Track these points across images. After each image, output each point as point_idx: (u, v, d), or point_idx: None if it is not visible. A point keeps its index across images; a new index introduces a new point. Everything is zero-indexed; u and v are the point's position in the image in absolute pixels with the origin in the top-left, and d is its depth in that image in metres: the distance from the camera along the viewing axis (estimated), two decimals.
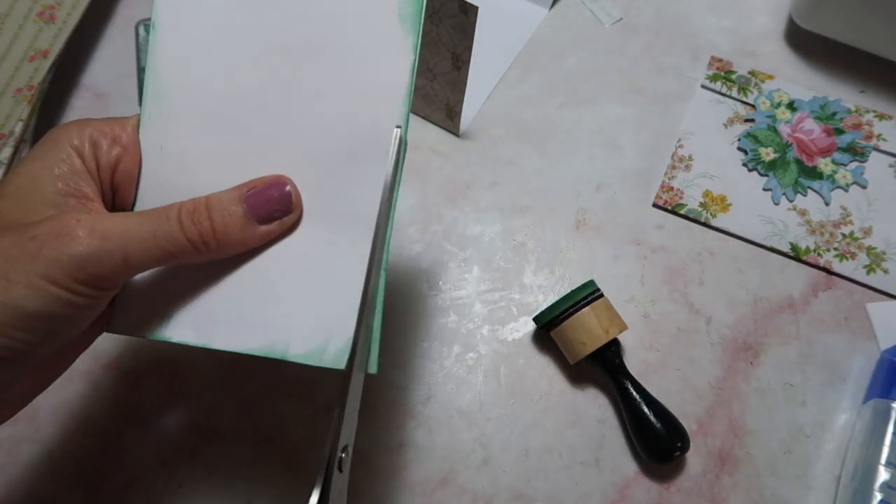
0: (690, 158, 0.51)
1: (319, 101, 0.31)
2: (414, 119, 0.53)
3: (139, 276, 0.31)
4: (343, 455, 0.27)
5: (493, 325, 0.46)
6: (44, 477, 0.41)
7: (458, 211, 0.50)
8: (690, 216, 0.49)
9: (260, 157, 0.31)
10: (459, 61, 0.46)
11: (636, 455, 0.42)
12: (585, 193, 0.50)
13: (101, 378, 0.44)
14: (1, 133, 0.47)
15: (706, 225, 0.49)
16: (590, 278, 0.46)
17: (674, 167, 0.51)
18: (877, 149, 0.50)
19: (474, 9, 0.42)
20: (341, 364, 0.30)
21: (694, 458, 0.42)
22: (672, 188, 0.50)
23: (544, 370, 0.44)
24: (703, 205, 0.49)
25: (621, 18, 0.58)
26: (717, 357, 0.45)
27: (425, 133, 0.53)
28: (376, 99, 0.31)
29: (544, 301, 0.46)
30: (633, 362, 0.44)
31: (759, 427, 0.43)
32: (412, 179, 0.51)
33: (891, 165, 0.50)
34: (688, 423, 0.42)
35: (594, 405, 0.43)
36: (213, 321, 0.31)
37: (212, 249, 0.29)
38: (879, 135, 0.51)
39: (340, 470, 0.27)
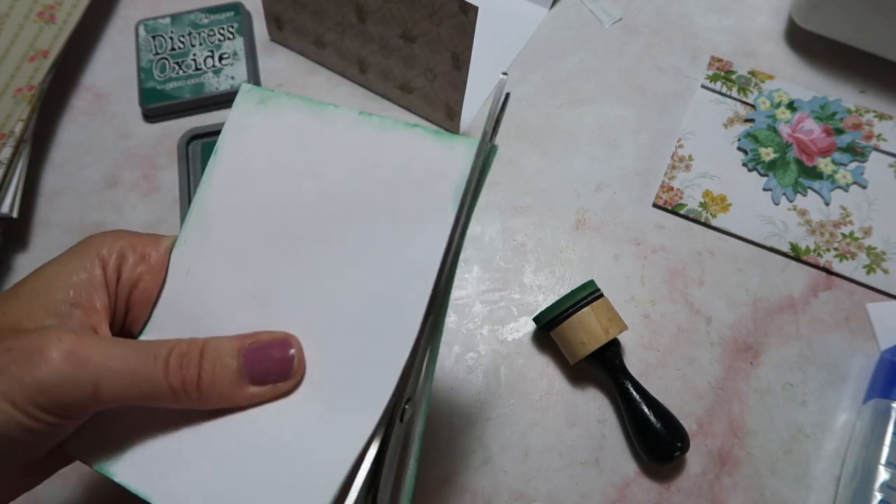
0: (690, 158, 0.51)
1: (353, 265, 0.29)
2: (414, 119, 0.53)
3: None
4: (406, 406, 0.26)
5: (493, 325, 0.46)
6: None
7: None
8: (690, 216, 0.49)
9: (279, 306, 0.29)
10: (459, 61, 0.46)
11: (636, 455, 0.42)
12: (585, 193, 0.50)
13: None
14: (1, 133, 0.48)
15: (706, 225, 0.49)
16: (590, 278, 0.46)
17: (674, 167, 0.51)
18: (877, 149, 0.50)
19: (474, 9, 0.42)
20: None
21: (694, 459, 0.42)
22: (672, 188, 0.50)
23: (544, 370, 0.44)
24: (703, 205, 0.49)
25: (621, 18, 0.58)
26: (717, 357, 0.45)
27: None
28: (408, 279, 0.28)
29: (544, 301, 0.46)
30: (633, 362, 0.44)
31: (759, 427, 0.43)
32: None
33: (891, 165, 0.50)
34: (688, 424, 0.42)
35: (594, 405, 0.43)
36: (163, 472, 0.27)
37: (192, 400, 0.27)
38: (879, 135, 0.51)
39: (402, 420, 0.26)
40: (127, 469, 0.28)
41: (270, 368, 0.28)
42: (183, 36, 0.55)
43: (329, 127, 0.31)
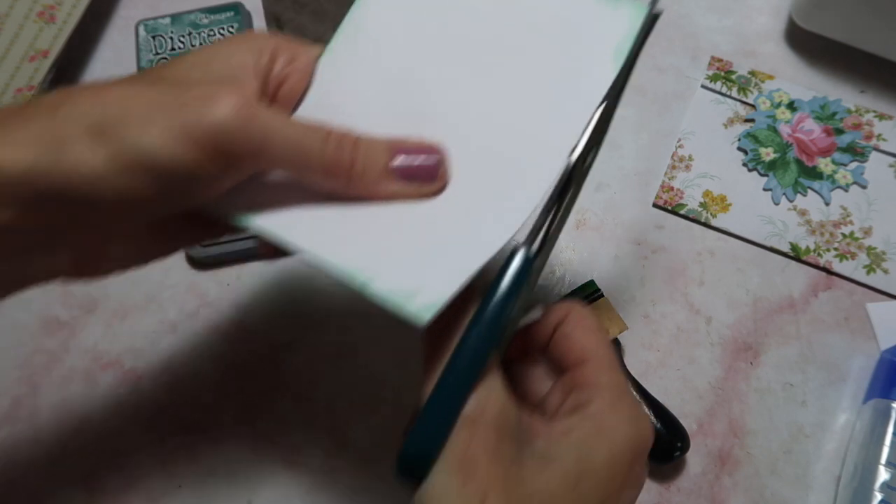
0: (690, 158, 0.51)
1: (505, 100, 0.30)
2: None
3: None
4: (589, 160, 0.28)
5: None
6: (44, 477, 0.41)
7: None
8: (690, 216, 0.49)
9: (426, 123, 0.30)
10: None
11: None
12: (585, 193, 0.50)
13: (101, 378, 0.44)
14: None
15: (706, 225, 0.49)
16: (589, 278, 0.46)
17: (674, 167, 0.51)
18: (877, 149, 0.50)
19: None
20: (424, 318, 0.25)
21: (694, 458, 0.42)
22: (672, 188, 0.50)
23: None
24: (703, 205, 0.49)
25: None
26: (717, 357, 0.45)
27: None
28: (560, 123, 0.29)
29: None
30: (633, 362, 0.44)
31: (759, 427, 0.43)
32: None
33: (891, 165, 0.50)
34: (688, 423, 0.42)
35: None
36: (306, 227, 0.28)
37: (341, 181, 0.28)
38: (879, 135, 0.51)
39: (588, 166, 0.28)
40: (267, 219, 0.28)
41: (417, 170, 0.29)
42: (183, 36, 0.55)
43: None
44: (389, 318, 0.45)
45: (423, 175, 0.29)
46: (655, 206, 0.50)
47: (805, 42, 0.56)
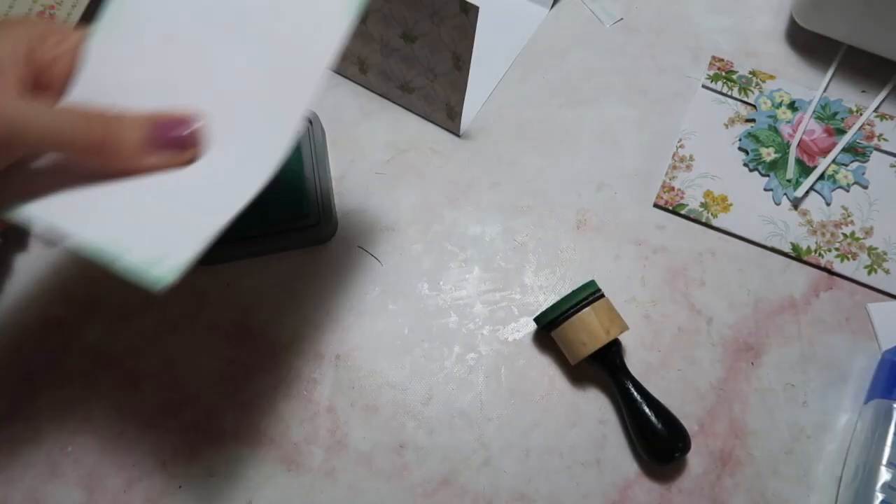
0: (691, 158, 0.51)
1: (252, 58, 0.33)
2: (414, 119, 0.53)
3: None
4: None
5: (494, 325, 0.46)
6: (44, 476, 0.41)
7: (459, 211, 0.49)
8: (691, 216, 0.49)
9: (184, 90, 0.33)
10: (460, 61, 0.46)
11: (637, 455, 0.42)
12: (586, 193, 0.50)
13: (101, 378, 0.44)
14: None
15: (707, 225, 0.49)
16: (590, 278, 0.46)
17: (675, 167, 0.51)
18: (878, 149, 0.50)
19: (475, 9, 0.42)
20: (164, 282, 0.28)
21: (695, 459, 0.42)
22: (673, 188, 0.50)
23: (545, 370, 0.44)
24: (703, 205, 0.49)
25: (622, 18, 0.58)
26: (718, 357, 0.45)
27: (426, 133, 0.52)
28: (301, 75, 0.32)
29: (545, 301, 0.46)
30: (634, 363, 0.44)
31: (761, 427, 0.43)
32: (412, 179, 0.51)
33: (892, 165, 0.50)
34: (689, 424, 0.42)
35: (595, 406, 0.43)
36: (71, 209, 0.31)
37: (101, 160, 0.30)
38: (880, 135, 0.51)
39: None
40: (37, 207, 0.30)
41: (173, 140, 0.31)
42: None
43: None
44: (389, 318, 0.45)
45: (180, 144, 0.31)
46: (656, 206, 0.50)
47: (806, 42, 0.56)
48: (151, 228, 0.30)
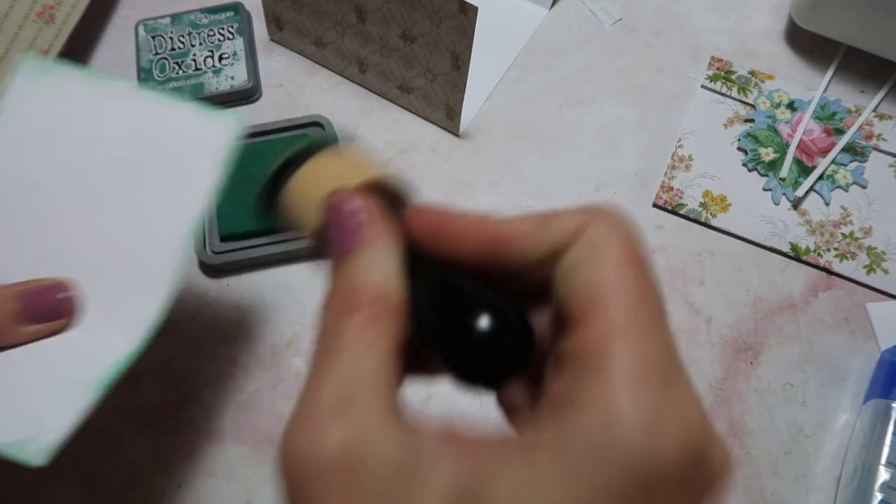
0: (690, 158, 0.51)
1: (121, 219, 0.33)
2: (413, 119, 0.53)
3: None
4: None
5: None
6: (44, 477, 0.41)
7: None
8: (690, 216, 0.49)
9: (55, 256, 0.33)
10: (459, 61, 0.46)
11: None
12: (585, 193, 0.50)
13: None
14: None
15: (706, 225, 0.49)
16: None
17: (674, 167, 0.51)
18: (877, 149, 0.50)
19: (474, 9, 0.42)
20: (39, 461, 0.27)
21: None
22: (672, 188, 0.50)
23: None
24: (703, 205, 0.49)
25: (621, 18, 0.58)
26: (717, 357, 0.45)
27: (425, 133, 0.53)
28: (168, 233, 0.32)
29: None
30: None
31: (760, 427, 0.43)
32: (412, 179, 0.51)
33: (891, 165, 0.50)
34: None
35: None
36: None
37: None
38: (879, 135, 0.51)
39: None
40: None
41: (45, 310, 0.31)
42: (183, 36, 0.55)
43: (104, 98, 0.35)
44: None
45: (54, 313, 0.31)
46: (655, 206, 0.50)
47: (805, 42, 0.56)
48: (20, 407, 0.29)
